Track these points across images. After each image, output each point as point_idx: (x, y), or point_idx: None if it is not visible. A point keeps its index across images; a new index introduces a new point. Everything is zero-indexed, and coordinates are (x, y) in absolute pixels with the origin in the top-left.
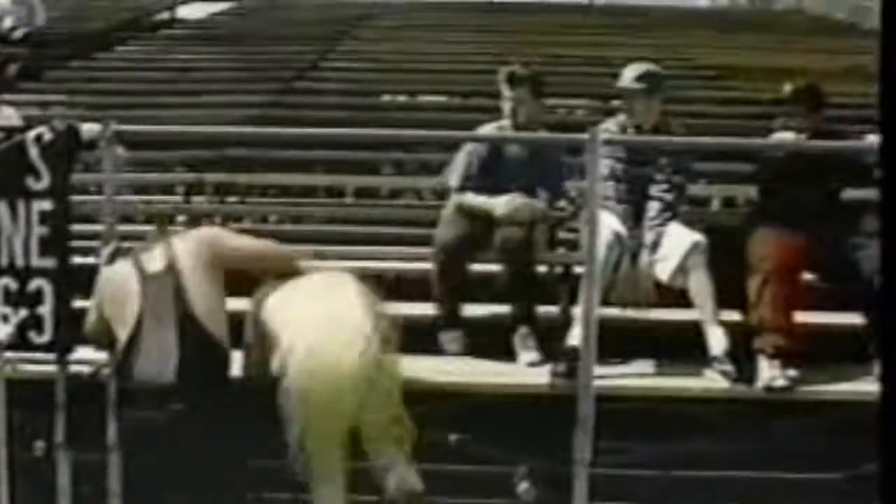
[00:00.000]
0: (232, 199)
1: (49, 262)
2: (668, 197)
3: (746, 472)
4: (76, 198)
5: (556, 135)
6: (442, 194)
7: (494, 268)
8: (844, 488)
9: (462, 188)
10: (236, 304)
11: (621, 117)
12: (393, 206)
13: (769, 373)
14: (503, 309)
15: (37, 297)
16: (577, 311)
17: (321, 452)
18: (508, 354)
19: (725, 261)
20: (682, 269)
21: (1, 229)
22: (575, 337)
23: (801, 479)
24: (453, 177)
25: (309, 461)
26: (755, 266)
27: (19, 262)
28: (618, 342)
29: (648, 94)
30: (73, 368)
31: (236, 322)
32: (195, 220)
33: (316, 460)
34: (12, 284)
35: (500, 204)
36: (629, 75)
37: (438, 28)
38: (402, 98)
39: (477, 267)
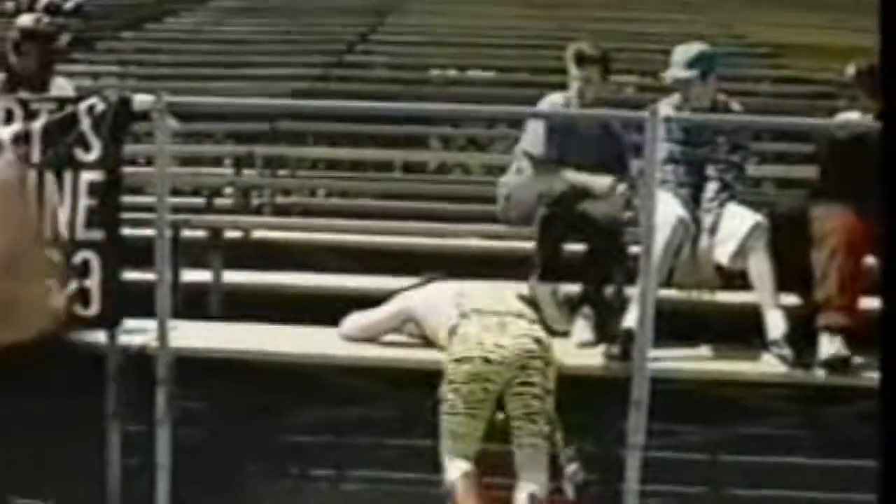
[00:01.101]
0: (281, 172)
1: (97, 235)
2: (727, 177)
3: (802, 459)
4: (127, 169)
5: (615, 111)
6: (490, 169)
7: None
8: None
9: (545, 159)
10: None
11: (675, 97)
12: (440, 182)
13: (830, 347)
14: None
15: (83, 270)
16: (633, 292)
17: (460, 419)
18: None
19: (782, 243)
20: (741, 252)
21: (45, 200)
22: (630, 318)
23: (858, 466)
24: (536, 146)
25: (448, 422)
26: (820, 241)
27: (63, 234)
28: (674, 324)
29: (702, 78)
30: (122, 341)
31: None
32: (244, 193)
33: (452, 425)
34: (55, 257)
35: (601, 184)
36: (679, 60)
37: (488, 2)
38: (451, 72)
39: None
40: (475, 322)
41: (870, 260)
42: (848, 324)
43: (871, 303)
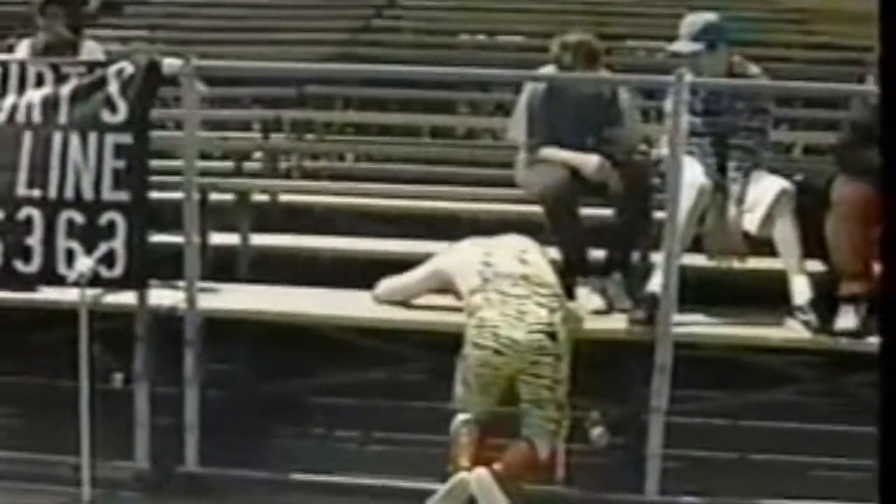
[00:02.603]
0: (309, 136)
1: (123, 196)
2: (749, 143)
3: (825, 425)
4: (155, 133)
5: (640, 77)
6: None
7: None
8: None
9: (533, 144)
10: None
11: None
12: (468, 147)
13: (844, 317)
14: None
15: (109, 231)
16: (658, 257)
17: (470, 393)
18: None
19: (808, 209)
20: (769, 219)
21: (69, 161)
22: (655, 284)
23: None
24: (520, 132)
25: (460, 393)
26: (833, 210)
27: (87, 195)
28: (698, 289)
29: (710, 50)
30: (152, 302)
31: None
32: (272, 158)
33: (464, 397)
34: (78, 218)
35: (590, 164)
36: (685, 33)
37: None
38: (480, 37)
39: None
40: (495, 303)
41: None
42: (862, 293)
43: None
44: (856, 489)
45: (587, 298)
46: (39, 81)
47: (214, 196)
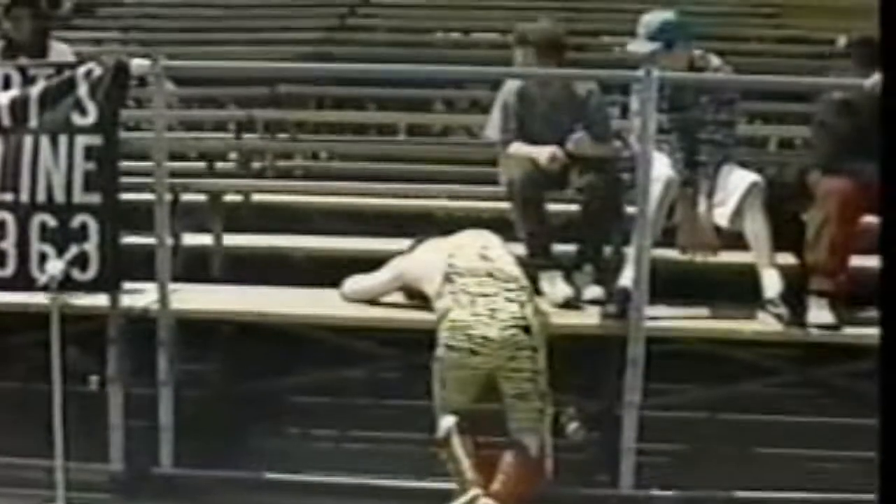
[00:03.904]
0: (283, 136)
1: (95, 198)
2: (717, 136)
3: (797, 417)
4: (126, 134)
5: (607, 72)
6: None
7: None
8: None
9: (504, 141)
10: None
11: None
12: (444, 144)
13: (818, 311)
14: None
15: (81, 234)
16: (630, 251)
17: (449, 392)
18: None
19: (779, 202)
20: (739, 212)
21: (39, 164)
22: (627, 278)
23: (853, 424)
24: (492, 131)
25: (439, 393)
26: (814, 206)
27: (59, 198)
28: (670, 283)
29: (669, 48)
30: (125, 303)
31: None
32: (246, 157)
33: (443, 396)
34: (50, 221)
35: (543, 154)
36: (642, 32)
37: None
38: (455, 35)
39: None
40: (465, 304)
41: (867, 219)
42: (836, 290)
43: (865, 262)
44: (830, 479)
45: (553, 289)
46: (6, 84)
47: (188, 197)
